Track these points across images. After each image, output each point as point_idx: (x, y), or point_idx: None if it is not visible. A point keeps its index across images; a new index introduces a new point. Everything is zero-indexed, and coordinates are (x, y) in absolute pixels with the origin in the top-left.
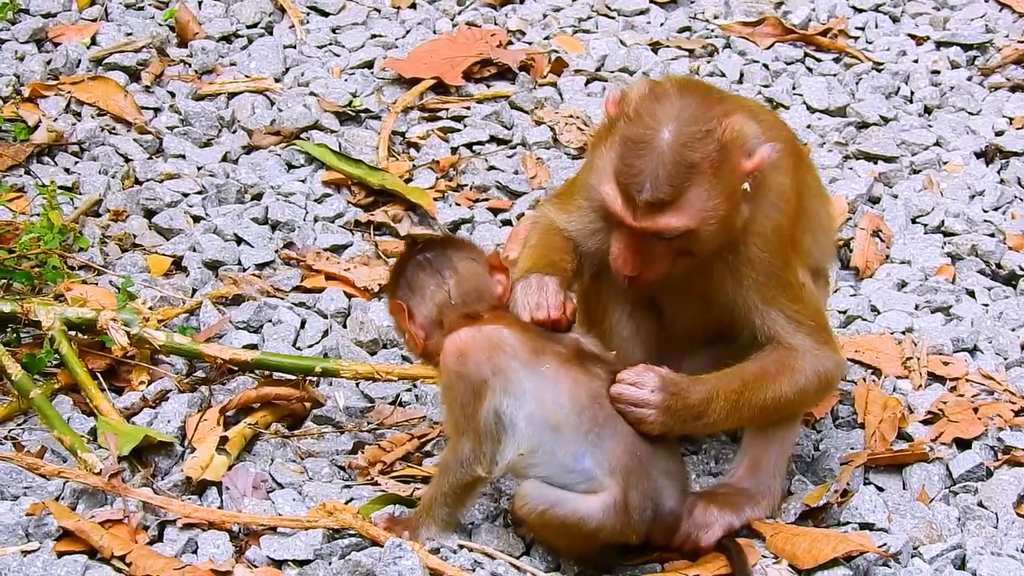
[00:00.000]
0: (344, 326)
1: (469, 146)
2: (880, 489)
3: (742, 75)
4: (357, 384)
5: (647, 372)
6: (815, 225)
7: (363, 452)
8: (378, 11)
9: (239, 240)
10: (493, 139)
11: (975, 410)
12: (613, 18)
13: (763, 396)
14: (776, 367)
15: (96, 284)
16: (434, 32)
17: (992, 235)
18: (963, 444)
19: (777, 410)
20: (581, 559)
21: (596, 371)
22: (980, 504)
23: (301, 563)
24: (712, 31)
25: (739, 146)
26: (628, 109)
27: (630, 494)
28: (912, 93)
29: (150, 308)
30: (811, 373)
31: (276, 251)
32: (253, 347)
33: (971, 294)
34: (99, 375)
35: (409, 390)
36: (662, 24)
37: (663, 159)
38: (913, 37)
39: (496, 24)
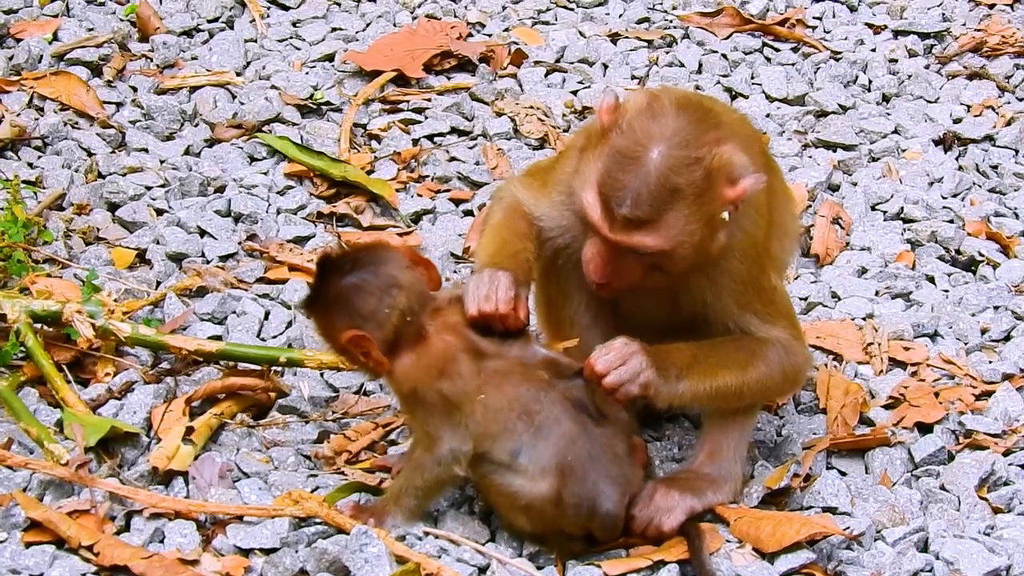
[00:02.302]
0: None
1: (430, 137)
2: (843, 473)
3: (701, 65)
4: (321, 374)
5: (609, 343)
6: (781, 232)
7: (328, 442)
8: (338, 4)
9: (202, 232)
10: (454, 130)
11: (936, 394)
12: (572, 9)
13: (728, 366)
14: (741, 347)
15: (61, 277)
16: (394, 25)
17: (951, 221)
18: (925, 428)
19: (741, 389)
20: (535, 539)
21: (540, 375)
22: (942, 487)
23: (268, 551)
24: (671, 22)
25: (725, 175)
26: (622, 121)
27: (564, 492)
28: (870, 81)
29: (115, 300)
30: (776, 362)
31: (239, 243)
32: (218, 338)
33: (931, 280)
34: (65, 367)
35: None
36: (621, 15)
37: (647, 179)
38: (870, 26)
39: (456, 16)
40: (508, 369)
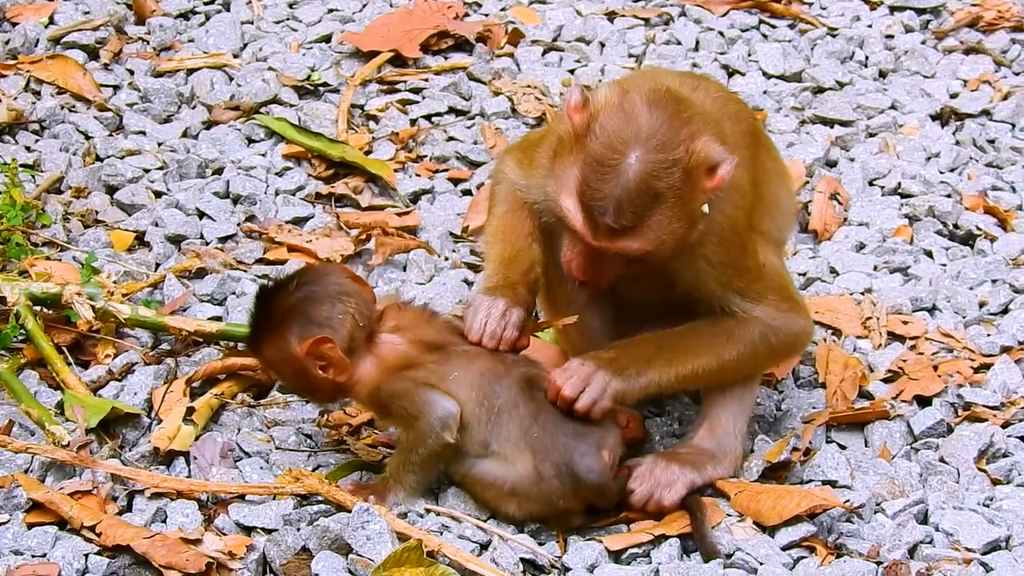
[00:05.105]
0: None
1: (428, 117)
2: (842, 447)
3: (698, 43)
4: None
5: (567, 366)
6: (773, 208)
7: (329, 419)
8: None
9: (201, 214)
10: (452, 110)
11: (935, 368)
12: None
13: (699, 352)
14: (717, 330)
15: (60, 260)
16: (391, 5)
17: (949, 196)
18: (923, 401)
19: (719, 369)
20: (534, 520)
21: (503, 357)
22: (941, 460)
23: (270, 530)
24: (667, 0)
25: (703, 169)
26: (595, 124)
27: (541, 465)
28: (867, 57)
29: (114, 282)
30: (757, 339)
31: (238, 224)
32: (217, 319)
33: (929, 254)
34: (65, 349)
35: None
36: None
37: (628, 186)
38: (867, 2)
39: None
40: (465, 356)
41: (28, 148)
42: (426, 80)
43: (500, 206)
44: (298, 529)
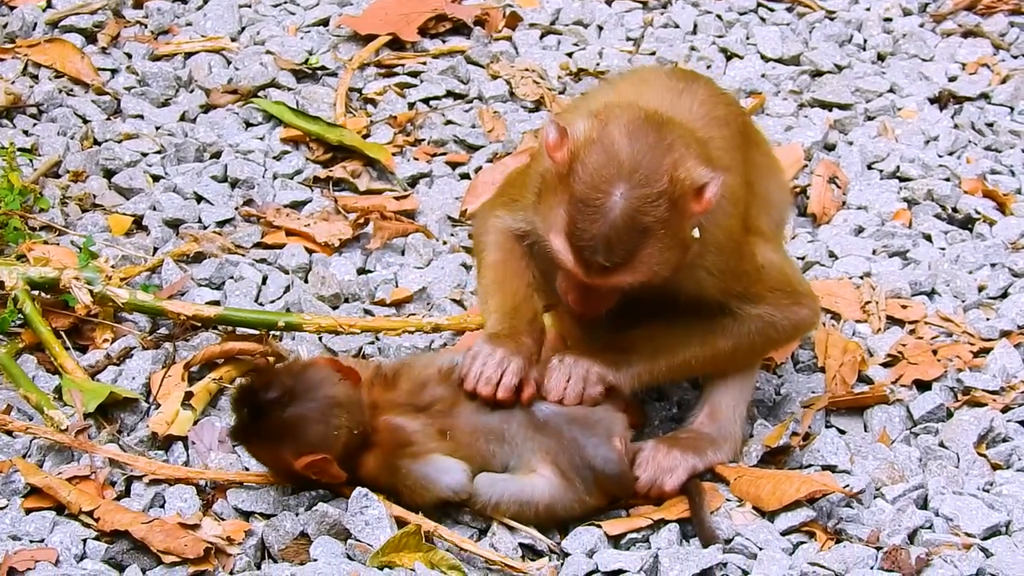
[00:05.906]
0: (305, 281)
1: (426, 101)
2: (841, 432)
3: (696, 26)
4: (320, 338)
5: (548, 368)
6: (767, 204)
7: None
8: None
9: (199, 198)
10: (450, 94)
11: (934, 352)
12: None
13: (691, 342)
14: (711, 325)
15: (58, 244)
16: None
17: (947, 179)
18: (923, 386)
19: (714, 358)
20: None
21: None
22: (941, 444)
23: (268, 515)
24: None
25: (690, 194)
26: (576, 164)
27: (560, 462)
28: (865, 41)
29: (112, 267)
30: (755, 331)
31: (236, 208)
32: (216, 303)
33: (928, 238)
34: (63, 333)
35: (372, 343)
36: None
37: (615, 225)
38: None
39: None
40: (450, 407)
41: (26, 132)
42: (424, 64)
43: (492, 255)
44: (296, 514)
